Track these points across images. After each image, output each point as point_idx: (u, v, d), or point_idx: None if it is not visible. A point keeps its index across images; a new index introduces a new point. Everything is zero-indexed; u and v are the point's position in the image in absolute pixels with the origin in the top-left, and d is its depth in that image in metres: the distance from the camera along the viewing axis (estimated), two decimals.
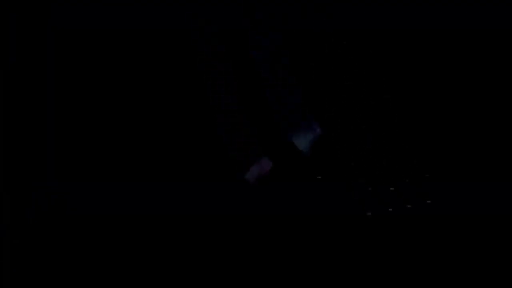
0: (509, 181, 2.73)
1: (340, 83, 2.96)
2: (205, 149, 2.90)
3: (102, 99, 2.99)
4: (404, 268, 2.60)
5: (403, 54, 2.96)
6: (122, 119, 2.97)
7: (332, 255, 2.65)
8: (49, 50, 3.00)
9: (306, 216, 2.74)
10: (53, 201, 2.82)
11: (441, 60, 2.95)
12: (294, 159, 2.79)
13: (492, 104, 2.89)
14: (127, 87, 3.00)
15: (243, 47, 2.72)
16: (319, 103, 2.94)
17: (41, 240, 2.73)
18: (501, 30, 2.95)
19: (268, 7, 2.66)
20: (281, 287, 2.60)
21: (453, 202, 2.71)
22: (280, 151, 2.81)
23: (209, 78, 2.66)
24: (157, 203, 2.79)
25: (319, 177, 2.60)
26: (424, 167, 2.81)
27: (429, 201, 2.72)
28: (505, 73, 2.91)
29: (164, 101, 2.99)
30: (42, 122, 2.96)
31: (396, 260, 2.63)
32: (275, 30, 2.69)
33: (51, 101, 2.99)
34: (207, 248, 2.69)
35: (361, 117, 2.92)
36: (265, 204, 2.76)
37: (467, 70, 2.93)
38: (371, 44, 2.98)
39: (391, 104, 2.92)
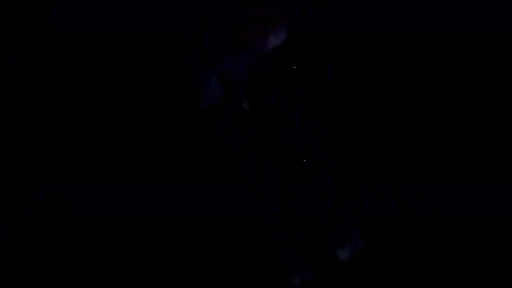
0: (509, 181, 2.74)
1: (340, 83, 2.96)
2: (205, 149, 2.90)
3: (101, 99, 2.99)
4: (404, 268, 2.61)
5: (403, 54, 2.96)
6: (121, 119, 2.98)
7: (333, 255, 2.65)
8: (49, 50, 3.01)
9: (304, 216, 2.74)
10: (53, 201, 2.82)
11: (441, 60, 2.95)
12: (294, 160, 2.79)
13: (492, 104, 2.89)
14: (127, 87, 3.00)
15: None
16: (319, 103, 2.94)
17: (41, 240, 2.73)
18: (501, 30, 2.96)
19: None
20: (280, 285, 2.61)
21: (453, 202, 2.71)
22: (280, 151, 2.81)
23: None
24: (157, 203, 2.79)
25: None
26: (424, 167, 2.81)
27: (429, 201, 2.72)
28: (505, 73, 2.91)
29: (164, 101, 2.99)
30: (42, 122, 2.96)
31: (396, 260, 2.63)
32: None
33: (51, 101, 2.99)
34: (206, 247, 2.69)
35: (361, 117, 2.92)
36: None
37: (467, 70, 2.93)
38: (371, 44, 2.98)
39: (391, 104, 2.92)
